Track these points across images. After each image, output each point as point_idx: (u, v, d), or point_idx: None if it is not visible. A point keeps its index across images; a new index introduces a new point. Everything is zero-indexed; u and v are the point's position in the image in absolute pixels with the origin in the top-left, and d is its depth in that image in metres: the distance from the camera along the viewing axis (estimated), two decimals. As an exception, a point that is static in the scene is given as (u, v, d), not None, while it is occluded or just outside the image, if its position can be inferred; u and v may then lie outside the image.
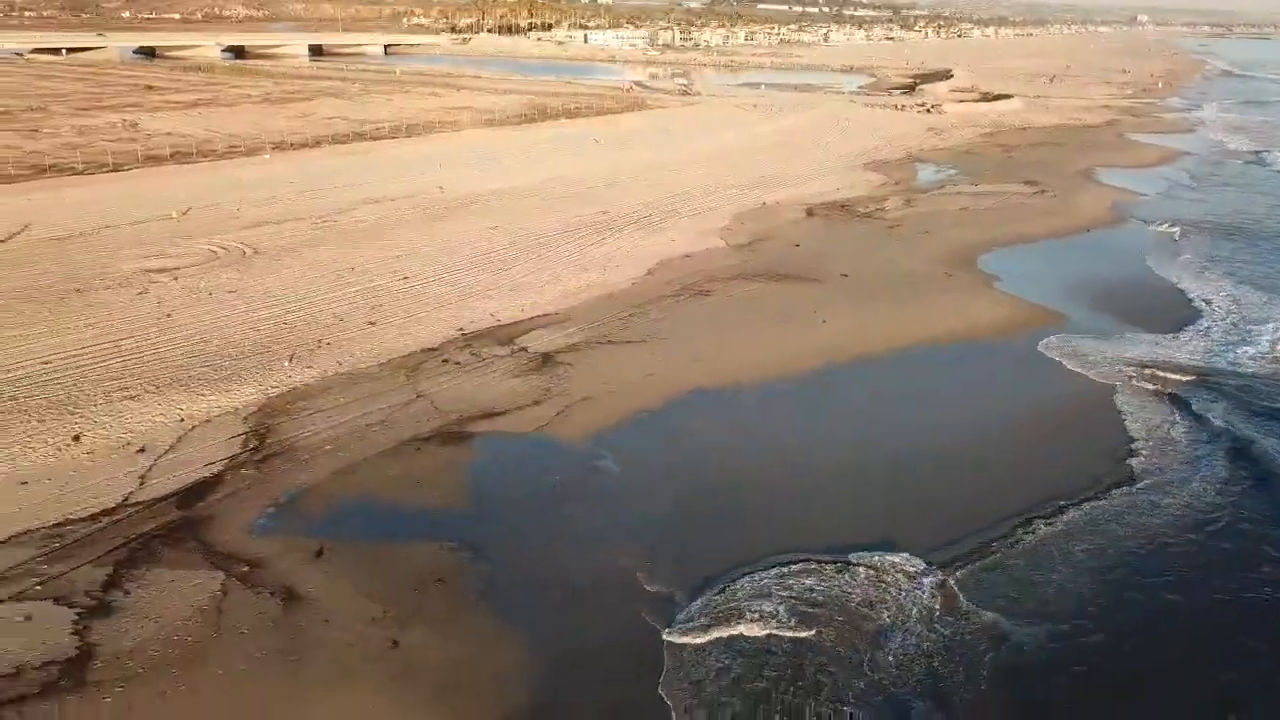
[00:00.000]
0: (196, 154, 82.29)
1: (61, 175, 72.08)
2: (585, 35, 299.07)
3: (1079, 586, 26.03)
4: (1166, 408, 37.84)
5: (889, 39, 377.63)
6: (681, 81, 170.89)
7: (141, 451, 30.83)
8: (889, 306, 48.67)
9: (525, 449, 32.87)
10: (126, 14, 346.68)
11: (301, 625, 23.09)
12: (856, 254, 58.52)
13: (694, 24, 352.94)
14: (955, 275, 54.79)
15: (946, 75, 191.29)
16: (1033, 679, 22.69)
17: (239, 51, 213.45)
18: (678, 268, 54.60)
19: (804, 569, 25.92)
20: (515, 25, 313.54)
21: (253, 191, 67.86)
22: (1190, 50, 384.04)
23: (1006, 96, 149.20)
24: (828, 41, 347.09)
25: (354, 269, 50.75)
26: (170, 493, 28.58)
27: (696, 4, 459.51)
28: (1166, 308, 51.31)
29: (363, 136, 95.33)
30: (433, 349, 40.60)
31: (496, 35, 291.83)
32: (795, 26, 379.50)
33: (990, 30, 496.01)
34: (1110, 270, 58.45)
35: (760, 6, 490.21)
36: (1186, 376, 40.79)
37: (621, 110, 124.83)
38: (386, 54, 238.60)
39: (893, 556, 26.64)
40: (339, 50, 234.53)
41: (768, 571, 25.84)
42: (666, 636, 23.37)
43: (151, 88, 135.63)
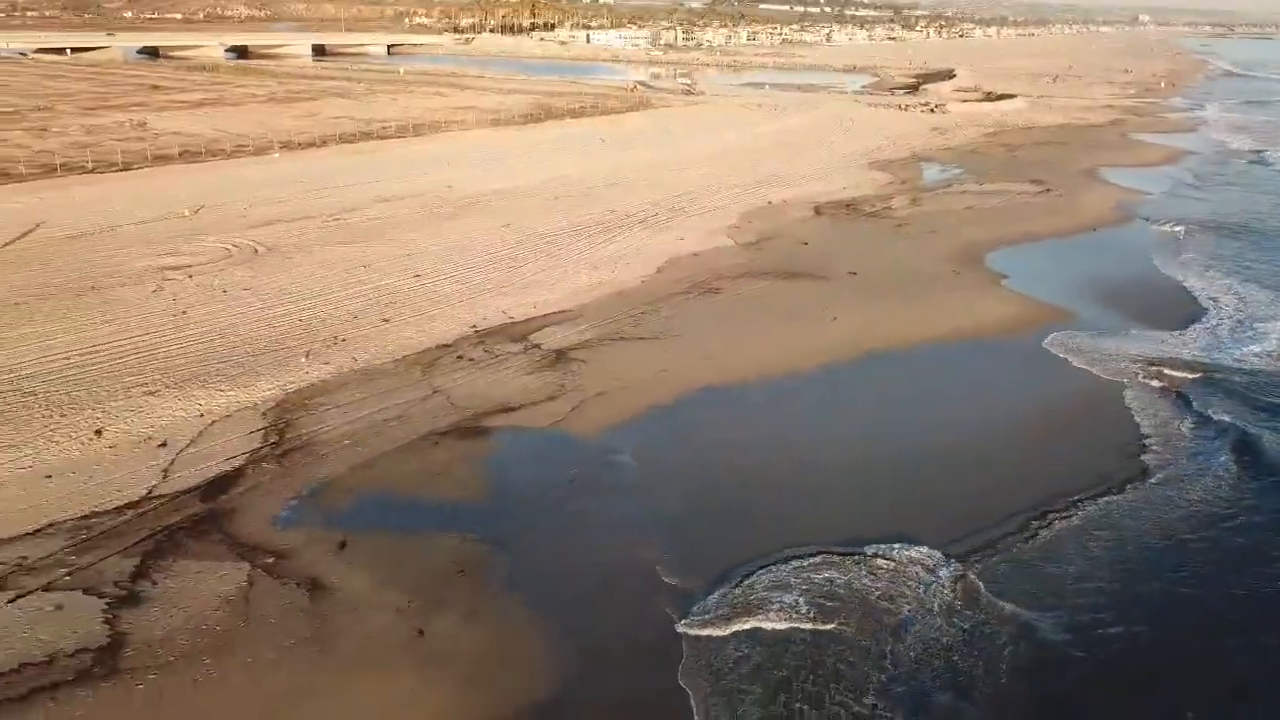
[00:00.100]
0: (205, 153, 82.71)
1: (71, 174, 72.39)
2: (588, 35, 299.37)
3: (1097, 580, 26.25)
4: (1176, 404, 38.14)
5: (891, 39, 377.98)
6: (685, 81, 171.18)
7: (163, 446, 31.19)
8: (898, 304, 49.00)
9: (541, 444, 33.22)
10: (129, 14, 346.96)
11: (328, 615, 23.44)
12: (864, 252, 58.85)
13: (696, 24, 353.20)
14: (963, 273, 55.12)
15: (949, 75, 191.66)
16: (1052, 669, 22.95)
17: (242, 51, 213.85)
18: (687, 266, 54.94)
19: (823, 562, 26.20)
20: (518, 25, 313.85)
21: (262, 190, 68.22)
22: (1192, 50, 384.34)
23: (1010, 96, 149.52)
24: (830, 41, 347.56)
25: (366, 266, 51.12)
26: (193, 486, 28.94)
27: (698, 4, 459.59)
28: (1173, 306, 51.61)
29: (369, 136, 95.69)
30: (447, 345, 40.95)
31: (499, 35, 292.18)
32: (797, 26, 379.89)
33: (992, 30, 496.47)
34: (1117, 269, 58.78)
35: (762, 6, 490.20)
36: (1195, 374, 41.07)
37: (626, 110, 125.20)
38: (389, 54, 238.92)
39: (911, 551, 26.88)
40: (342, 50, 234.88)
41: (786, 564, 26.09)
42: (687, 629, 23.63)
43: (157, 87, 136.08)
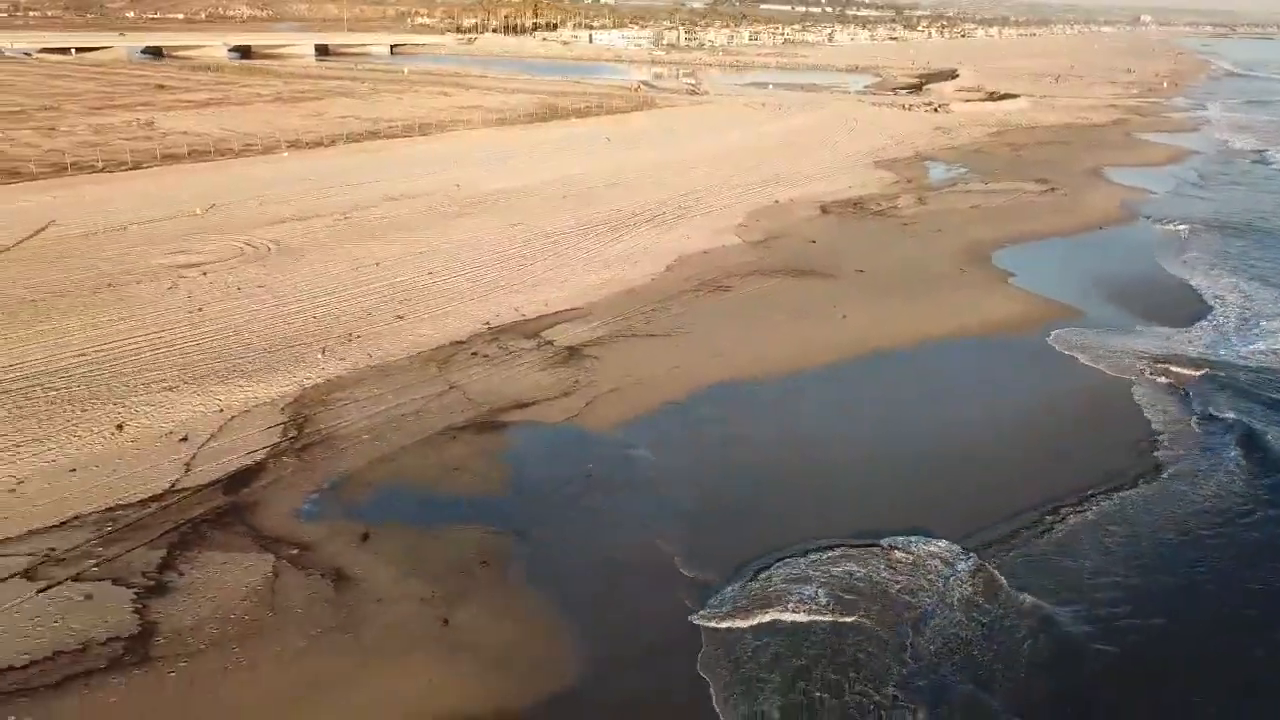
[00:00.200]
0: (213, 152, 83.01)
1: (81, 173, 72.72)
2: (590, 35, 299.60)
3: (1114, 574, 26.50)
4: (1184, 401, 38.46)
5: (893, 39, 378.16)
6: (689, 81, 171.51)
7: (184, 440, 31.54)
8: (906, 302, 49.35)
9: (557, 438, 33.58)
10: (131, 14, 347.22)
11: (354, 605, 23.79)
12: (872, 251, 59.20)
13: (698, 24, 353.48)
14: (970, 271, 55.46)
15: (952, 75, 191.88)
16: (1073, 661, 23.25)
17: (246, 51, 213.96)
18: (695, 264, 55.29)
19: (842, 555, 26.54)
20: (520, 25, 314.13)
21: (271, 189, 68.55)
22: (1194, 50, 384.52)
23: (1013, 96, 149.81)
24: (832, 41, 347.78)
25: (378, 264, 51.48)
26: (215, 479, 29.30)
27: (700, 4, 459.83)
28: (1179, 303, 51.95)
29: (376, 135, 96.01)
30: (461, 342, 41.31)
31: (502, 35, 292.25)
32: (799, 26, 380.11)
33: (994, 30, 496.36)
34: (1123, 267, 59.12)
35: (763, 7, 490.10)
36: (1203, 370, 41.39)
37: (630, 110, 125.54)
38: (392, 54, 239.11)
39: (929, 544, 27.13)
40: (345, 50, 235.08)
41: (804, 557, 26.43)
42: (706, 620, 23.93)
43: (162, 87, 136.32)
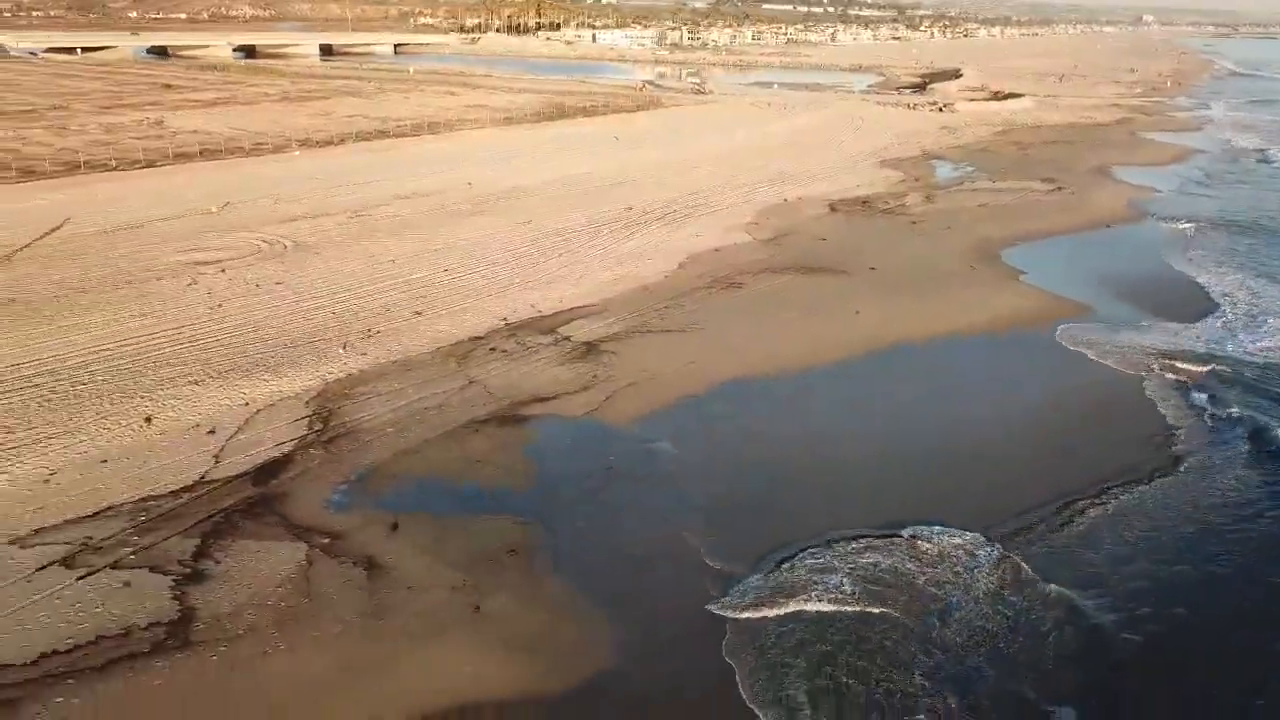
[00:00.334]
0: (224, 151, 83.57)
1: (94, 172, 73.29)
2: (593, 35, 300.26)
3: (1136, 566, 26.94)
4: (1195, 396, 38.87)
5: (895, 39, 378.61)
6: (694, 80, 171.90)
7: (211, 433, 32.03)
8: (918, 299, 49.80)
9: (578, 431, 34.05)
10: (134, 14, 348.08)
11: (386, 592, 24.29)
12: (882, 248, 59.65)
13: (700, 24, 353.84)
14: (980, 269, 55.91)
15: (956, 74, 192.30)
16: (1099, 651, 23.67)
17: (250, 51, 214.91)
18: (707, 261, 55.75)
19: (865, 546, 27.01)
20: (523, 25, 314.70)
21: (284, 187, 69.09)
22: (1196, 50, 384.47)
23: (1017, 95, 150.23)
24: (835, 41, 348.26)
25: (393, 261, 51.98)
26: (244, 471, 29.80)
27: (702, 4, 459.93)
28: (1187, 300, 52.37)
29: (385, 134, 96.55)
30: (479, 338, 41.80)
31: (505, 35, 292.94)
32: (801, 26, 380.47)
33: (996, 30, 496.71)
34: (1131, 265, 59.55)
35: (765, 6, 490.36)
36: (1211, 366, 41.84)
37: (636, 109, 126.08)
38: (396, 53, 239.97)
39: (953, 535, 27.59)
40: (349, 50, 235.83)
41: (828, 548, 26.91)
42: (730, 610, 24.37)
43: (170, 86, 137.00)
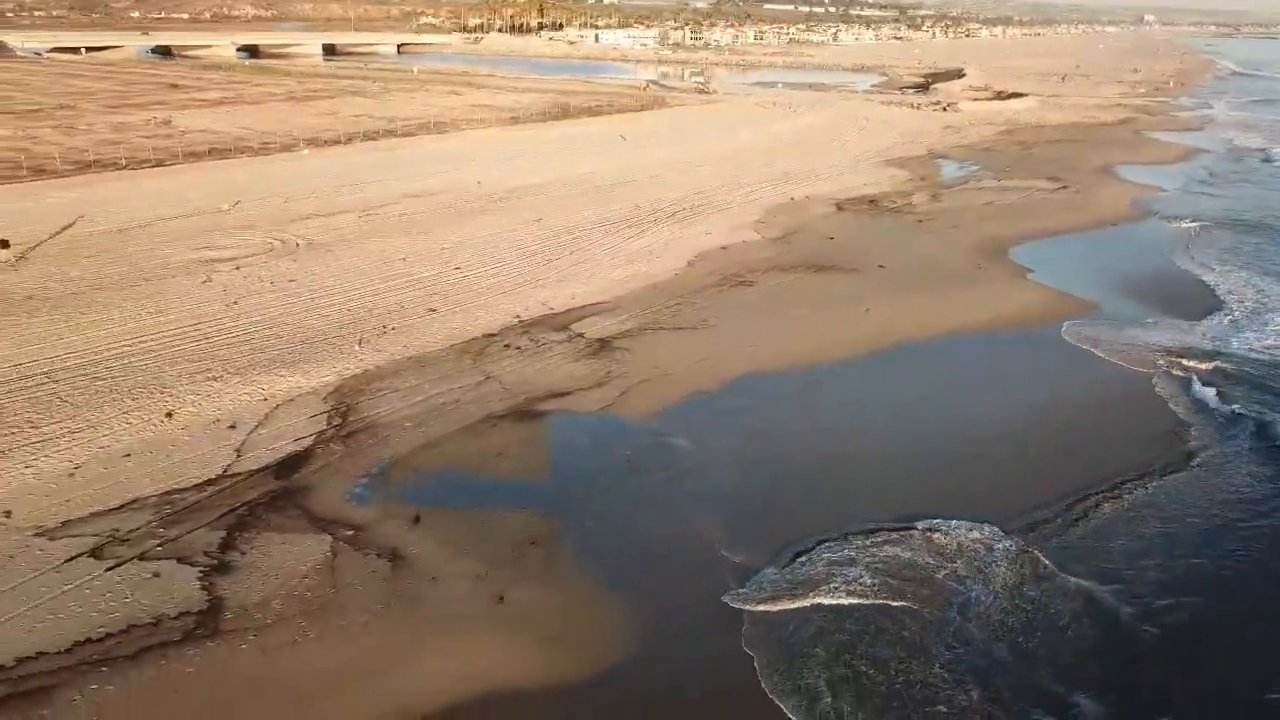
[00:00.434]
0: (233, 150, 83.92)
1: (105, 170, 73.65)
2: (596, 35, 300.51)
3: (1152, 560, 27.24)
4: (1204, 392, 39.11)
5: (897, 39, 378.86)
6: (698, 80, 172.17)
7: (232, 428, 32.41)
8: (927, 296, 50.14)
9: (594, 426, 34.43)
10: (136, 14, 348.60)
11: (411, 583, 24.66)
12: (889, 247, 59.98)
13: (703, 24, 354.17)
14: (987, 267, 56.24)
15: (958, 74, 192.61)
16: (1119, 643, 24.00)
17: (254, 51, 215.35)
18: (716, 259, 56.10)
19: (884, 539, 27.37)
20: (526, 25, 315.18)
21: (294, 186, 69.43)
22: (1198, 50, 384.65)
23: (1020, 95, 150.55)
24: (837, 41, 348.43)
25: (404, 259, 52.33)
26: (266, 465, 30.18)
27: (703, 3, 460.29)
28: (1193, 298, 52.67)
29: (392, 133, 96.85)
30: (493, 334, 42.16)
31: (507, 35, 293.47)
32: (803, 26, 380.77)
33: (998, 30, 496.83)
34: (1138, 263, 59.86)
35: (766, 6, 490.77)
36: (1218, 363, 42.17)
37: (641, 109, 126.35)
38: (399, 53, 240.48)
39: (971, 529, 27.88)
40: (352, 50, 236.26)
41: (846, 541, 27.26)
42: (747, 602, 24.71)
43: (175, 86, 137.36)
